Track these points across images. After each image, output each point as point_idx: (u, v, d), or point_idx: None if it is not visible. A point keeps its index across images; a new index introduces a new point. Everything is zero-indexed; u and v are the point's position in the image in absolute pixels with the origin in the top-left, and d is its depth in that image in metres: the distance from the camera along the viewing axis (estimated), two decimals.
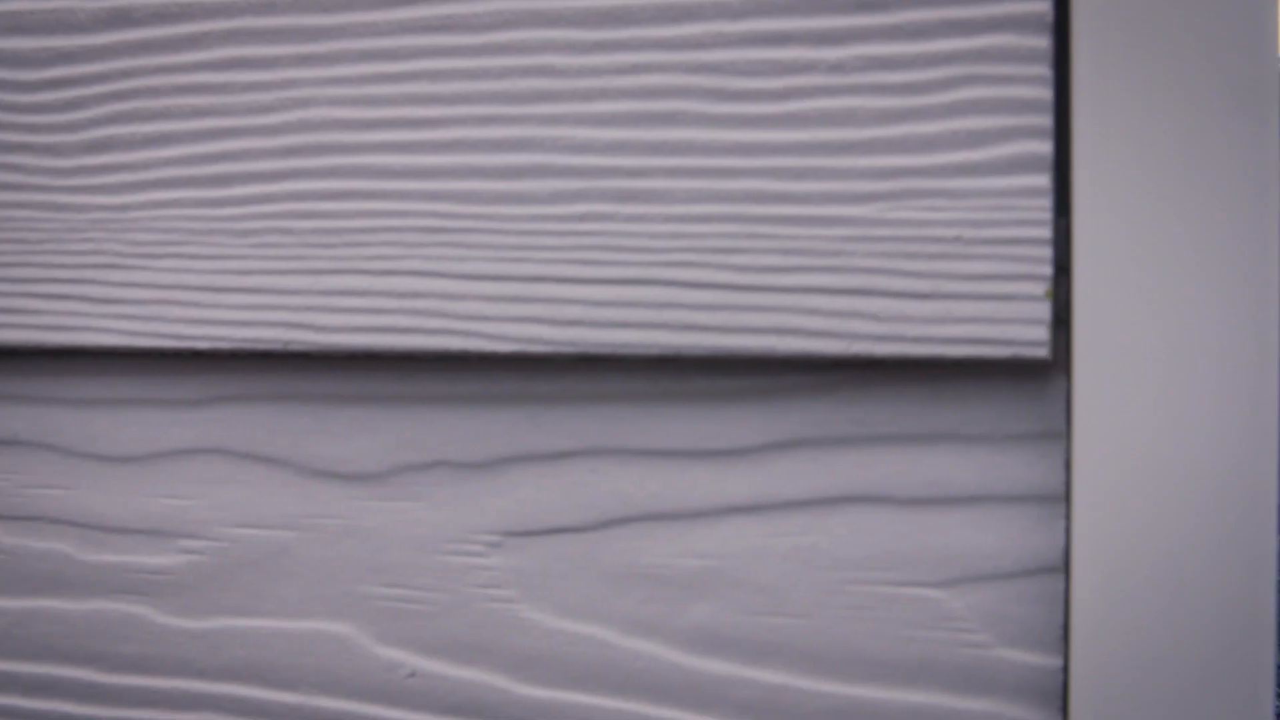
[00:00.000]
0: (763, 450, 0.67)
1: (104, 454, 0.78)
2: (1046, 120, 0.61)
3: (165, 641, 0.77)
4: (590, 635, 0.70)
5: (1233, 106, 0.59)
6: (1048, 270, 0.61)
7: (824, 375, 0.66)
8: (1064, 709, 0.64)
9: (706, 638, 0.69)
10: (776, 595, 0.68)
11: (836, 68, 0.63)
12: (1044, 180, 0.61)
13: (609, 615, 0.70)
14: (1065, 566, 0.64)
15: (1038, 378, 0.64)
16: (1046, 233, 0.61)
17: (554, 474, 0.70)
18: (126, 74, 0.73)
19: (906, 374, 0.65)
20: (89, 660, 0.79)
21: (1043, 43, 0.61)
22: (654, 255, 0.66)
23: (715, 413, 0.68)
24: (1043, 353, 0.61)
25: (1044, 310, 0.61)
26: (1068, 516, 0.63)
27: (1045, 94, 0.61)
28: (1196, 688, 0.61)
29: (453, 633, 0.73)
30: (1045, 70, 0.61)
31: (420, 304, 0.69)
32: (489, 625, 0.72)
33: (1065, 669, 0.64)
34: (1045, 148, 0.61)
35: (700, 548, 0.68)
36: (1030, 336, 0.61)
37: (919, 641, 0.66)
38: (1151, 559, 0.61)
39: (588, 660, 0.70)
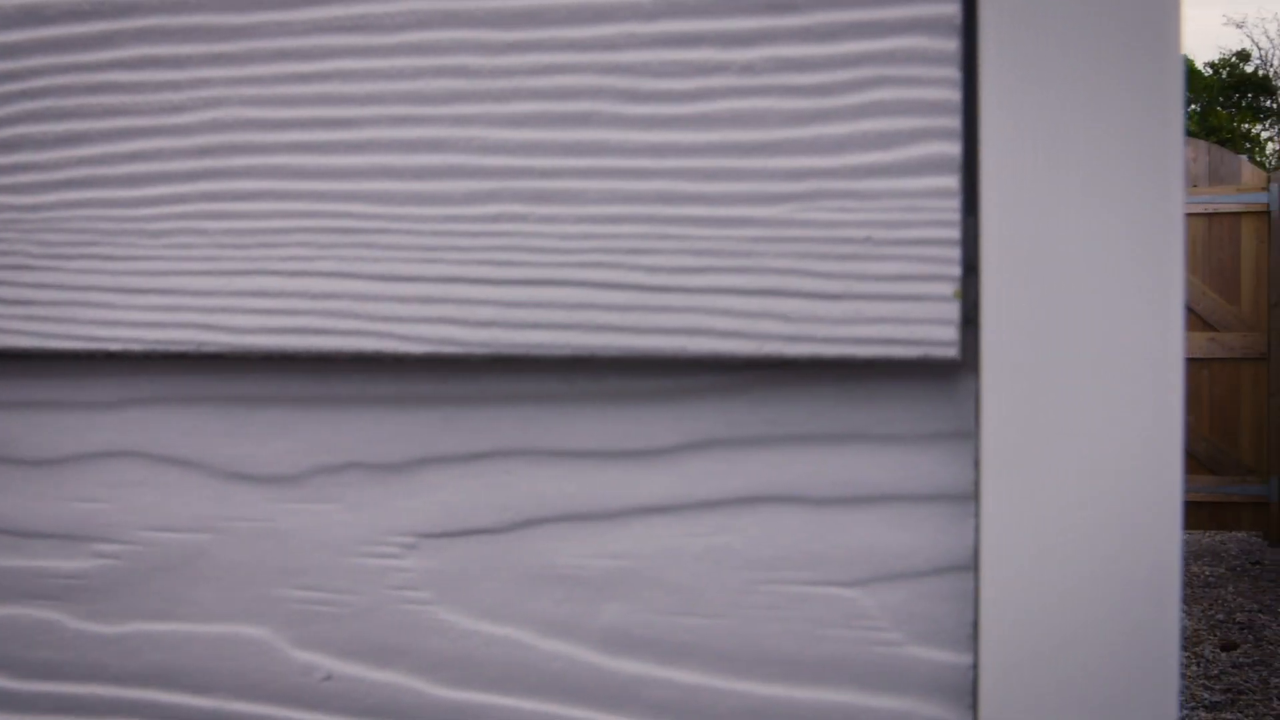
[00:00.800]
0: (677, 451, 0.67)
1: (16, 457, 0.77)
2: (955, 122, 0.61)
3: (78, 647, 0.76)
4: (506, 636, 0.70)
5: (1139, 108, 0.59)
6: (957, 271, 0.62)
7: (737, 375, 0.67)
8: (974, 706, 0.64)
9: (622, 638, 0.69)
10: (690, 595, 0.68)
11: (747, 69, 0.64)
12: (953, 181, 0.61)
13: (525, 616, 0.70)
14: (975, 565, 0.64)
15: (948, 378, 0.64)
16: (955, 233, 0.61)
17: (469, 475, 0.70)
18: (37, 72, 0.72)
19: (819, 374, 0.66)
20: (0, 667, 0.78)
21: (951, 45, 0.61)
22: (566, 256, 0.66)
23: (629, 413, 0.68)
24: (952, 353, 0.62)
25: (953, 311, 0.62)
26: (977, 515, 0.64)
27: (954, 96, 0.61)
28: (1104, 683, 0.61)
29: (369, 635, 0.72)
30: (954, 72, 0.61)
31: (334, 305, 0.69)
32: (405, 627, 0.72)
33: (975, 666, 0.64)
34: (954, 149, 0.61)
35: (615, 548, 0.68)
36: (939, 337, 0.62)
37: (831, 640, 0.66)
38: (1060, 556, 0.61)
39: (504, 661, 0.70)
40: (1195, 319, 7.75)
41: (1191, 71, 28.36)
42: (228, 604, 0.74)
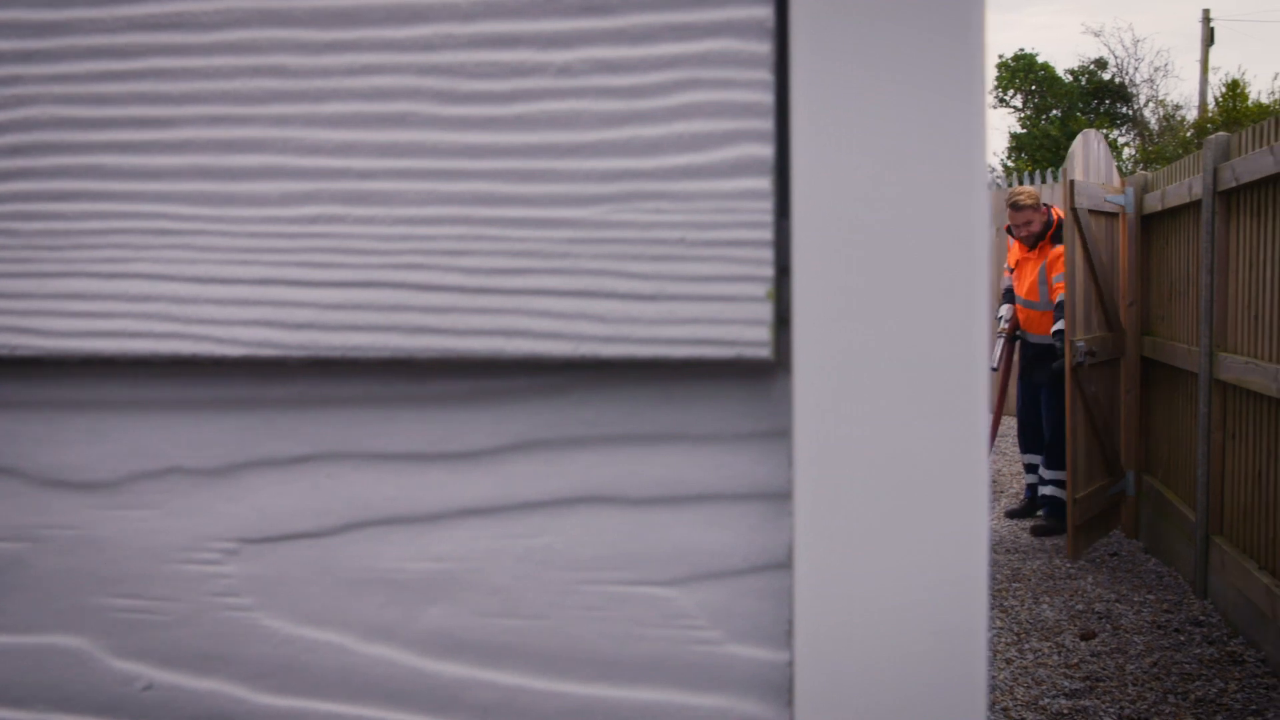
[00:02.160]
0: (496, 452, 0.67)
1: None
2: (767, 124, 0.62)
3: None
4: (328, 641, 0.70)
5: (946, 112, 0.61)
6: (769, 272, 0.62)
7: (555, 377, 0.67)
8: (791, 703, 0.65)
9: (443, 641, 0.68)
10: (511, 597, 0.68)
11: (564, 71, 0.64)
12: (765, 183, 0.62)
13: (346, 621, 0.69)
14: (791, 563, 0.65)
15: (763, 378, 0.65)
16: (768, 235, 0.62)
17: (290, 479, 0.69)
18: None
19: (636, 375, 0.66)
20: None
21: (763, 48, 0.62)
22: (384, 258, 0.65)
23: (449, 415, 0.68)
24: (765, 353, 0.62)
25: (765, 311, 0.62)
26: (792, 513, 0.64)
27: (766, 98, 0.62)
28: (916, 679, 0.62)
29: (190, 643, 0.71)
30: (766, 75, 0.62)
31: (150, 308, 0.68)
32: (227, 634, 0.71)
33: (792, 663, 0.65)
34: (766, 151, 0.62)
35: (436, 551, 0.68)
36: (752, 337, 0.62)
37: (650, 640, 0.66)
38: (872, 553, 0.62)
39: (326, 667, 0.70)
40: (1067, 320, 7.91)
41: (1052, 78, 28.98)
42: (44, 614, 0.72)
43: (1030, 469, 8.14)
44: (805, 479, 0.62)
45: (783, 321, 0.64)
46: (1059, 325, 7.24)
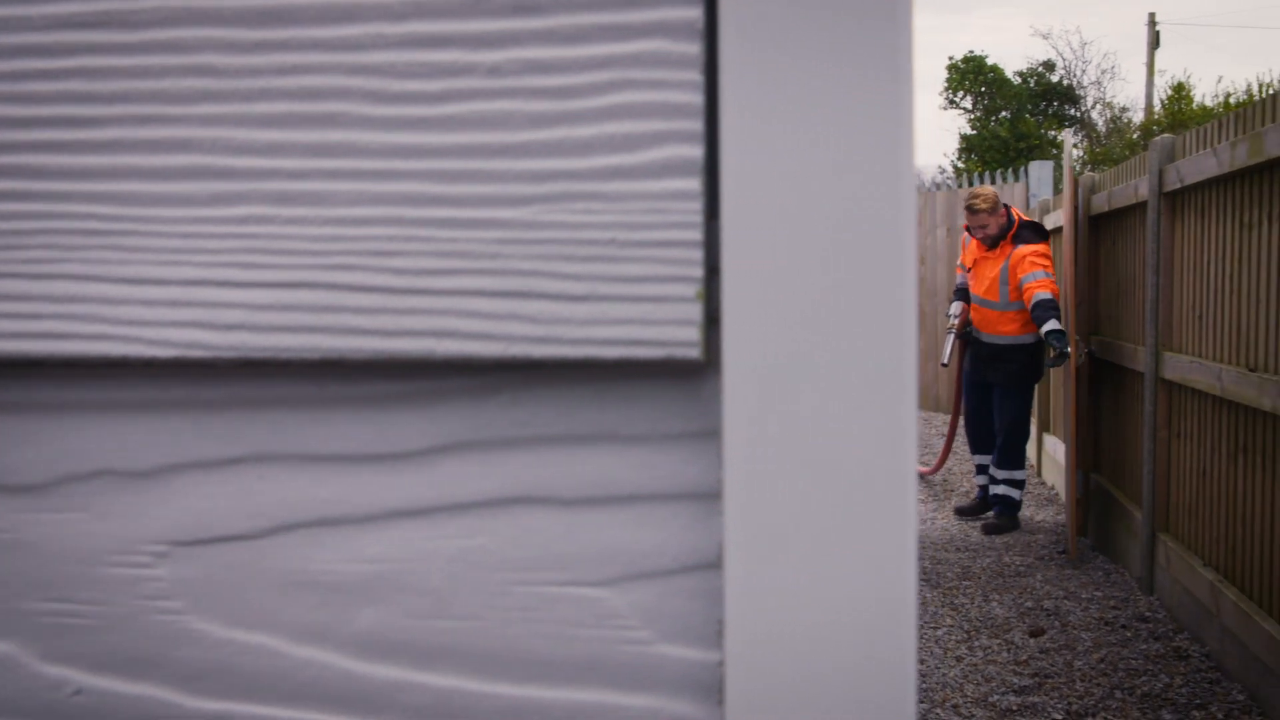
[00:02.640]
0: (428, 453, 0.67)
1: None
2: (697, 125, 0.62)
3: None
4: (260, 645, 0.69)
5: (874, 113, 0.61)
6: (699, 272, 0.62)
7: (486, 377, 0.67)
8: (722, 702, 0.65)
9: (376, 643, 0.68)
10: (444, 598, 0.68)
11: (494, 71, 0.64)
12: (695, 184, 0.62)
13: (278, 623, 0.69)
14: (722, 563, 0.65)
15: (693, 378, 0.65)
16: (697, 235, 0.62)
17: (221, 481, 0.69)
18: None
19: (567, 375, 0.66)
20: None
21: (693, 49, 0.62)
22: (314, 258, 0.65)
23: (381, 416, 0.68)
24: (694, 353, 0.63)
25: (695, 311, 0.62)
26: (723, 513, 0.65)
27: (696, 99, 0.62)
28: (846, 679, 0.63)
29: (120, 647, 0.70)
30: (696, 76, 0.62)
31: (79, 309, 0.67)
32: (158, 638, 0.70)
33: (723, 663, 0.65)
34: (696, 152, 0.62)
35: (368, 552, 0.68)
36: (682, 337, 0.62)
37: (583, 640, 0.67)
38: (801, 553, 0.62)
39: (258, 670, 0.69)
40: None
41: (1001, 80, 29.19)
42: None
43: (981, 469, 8.16)
44: (734, 479, 0.62)
45: (713, 321, 0.64)
46: (1053, 325, 7.25)
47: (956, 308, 7.97)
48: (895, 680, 0.62)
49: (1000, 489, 7.83)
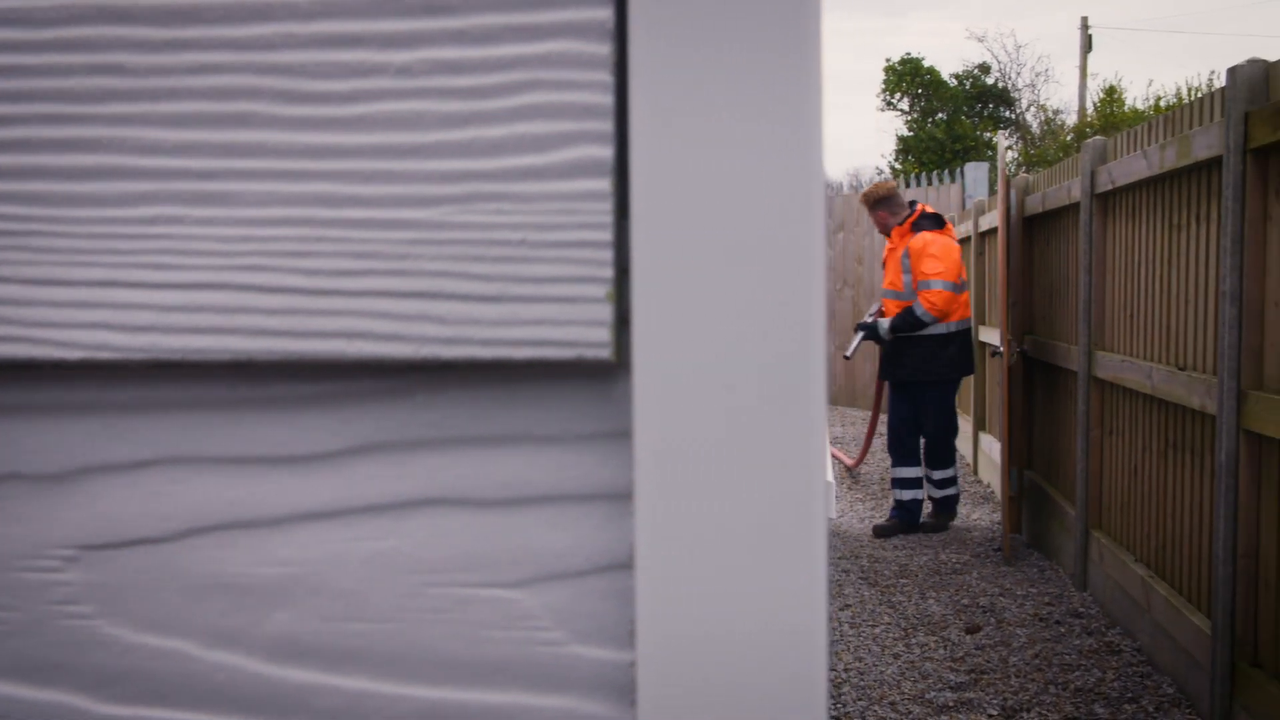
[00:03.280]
0: (341, 455, 0.67)
1: None
2: (607, 125, 0.62)
3: None
4: (172, 649, 0.69)
5: (784, 113, 0.61)
6: (609, 273, 0.63)
7: (399, 379, 0.66)
8: (635, 702, 0.65)
9: (288, 646, 0.68)
10: (356, 601, 0.67)
11: (404, 71, 0.63)
12: (604, 184, 0.62)
13: (190, 628, 0.68)
14: (633, 563, 0.65)
15: (605, 378, 0.65)
16: (607, 236, 0.62)
17: (132, 484, 0.68)
18: None
19: (480, 376, 0.66)
20: None
21: (603, 49, 0.62)
22: (225, 259, 0.65)
23: (293, 418, 0.67)
24: (605, 354, 0.63)
25: (605, 312, 0.63)
26: (634, 514, 0.65)
27: (606, 100, 0.62)
28: (757, 680, 0.63)
29: (29, 653, 0.70)
30: (606, 76, 0.62)
31: None
32: (68, 643, 0.69)
33: (635, 663, 0.65)
34: (605, 152, 0.62)
35: (280, 555, 0.68)
36: (592, 338, 0.63)
37: (496, 642, 0.66)
38: (713, 553, 0.63)
39: (169, 675, 0.69)
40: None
41: (938, 82, 29.39)
42: None
43: (904, 484, 7.84)
44: (645, 479, 0.62)
45: (624, 322, 0.64)
46: (886, 325, 7.31)
47: (876, 305, 7.95)
48: (806, 682, 0.63)
49: (936, 493, 7.77)
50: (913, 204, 7.74)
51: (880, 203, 7.67)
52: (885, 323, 7.46)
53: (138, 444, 0.68)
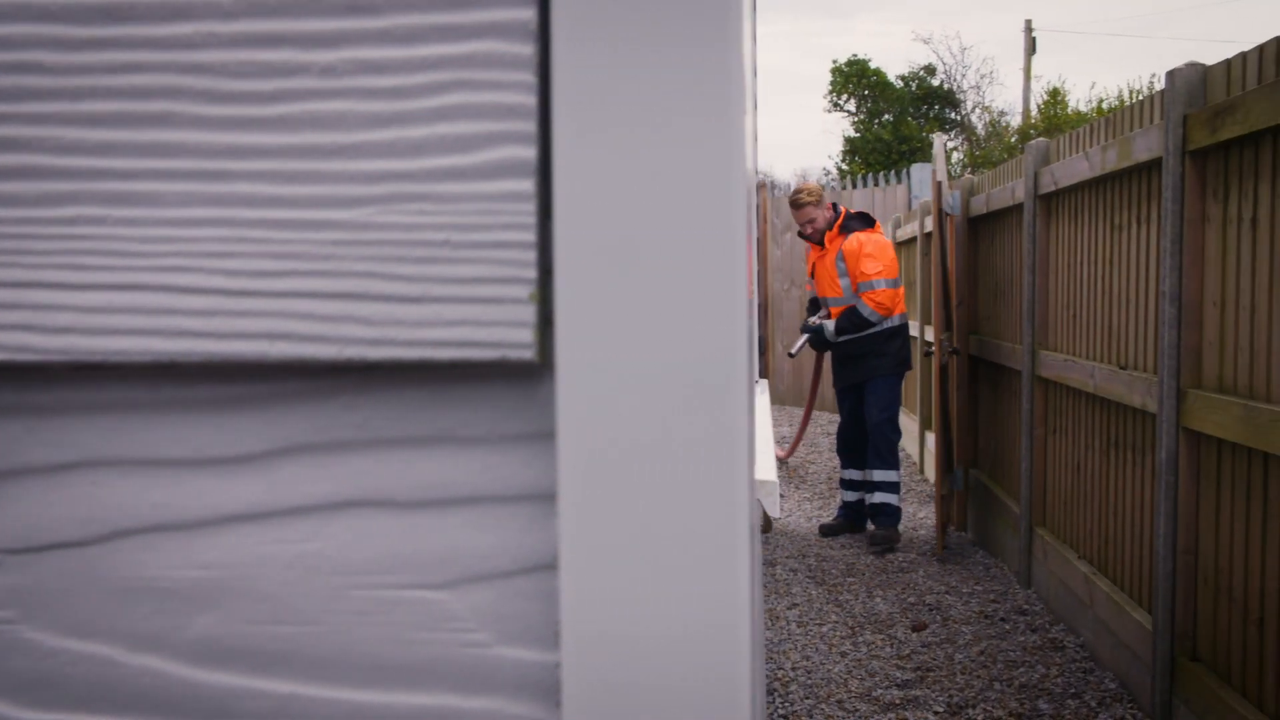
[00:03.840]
0: (265, 457, 0.67)
1: None
2: (530, 126, 0.62)
3: None
4: (94, 654, 0.68)
5: (707, 113, 0.61)
6: (533, 274, 0.63)
7: (323, 380, 0.66)
8: (560, 703, 0.65)
9: (213, 650, 0.67)
10: (281, 603, 0.67)
11: (328, 71, 0.63)
12: (528, 185, 0.62)
13: (113, 632, 0.68)
14: (558, 564, 0.65)
15: (529, 379, 0.65)
16: (531, 236, 0.62)
17: (53, 487, 0.68)
18: None
19: (405, 377, 0.66)
20: None
21: (526, 50, 0.62)
22: (147, 260, 0.64)
23: (217, 420, 0.67)
24: (529, 354, 0.63)
25: (528, 313, 0.63)
26: (558, 515, 0.65)
27: (529, 100, 0.62)
28: (681, 679, 0.63)
29: None
30: (529, 77, 0.62)
31: None
32: None
33: (560, 664, 0.65)
34: (529, 153, 0.62)
35: (204, 558, 0.67)
36: (516, 339, 0.63)
37: (422, 643, 0.66)
38: (637, 555, 0.63)
39: (92, 680, 0.68)
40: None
41: (884, 84, 29.52)
42: None
43: (849, 485, 7.84)
44: (569, 481, 0.62)
45: (548, 323, 0.64)
46: (832, 326, 7.34)
47: (824, 311, 7.84)
48: (728, 682, 0.63)
49: (877, 496, 7.59)
50: (835, 206, 7.73)
51: (819, 203, 7.67)
52: (830, 325, 7.47)
53: (59, 446, 0.68)
